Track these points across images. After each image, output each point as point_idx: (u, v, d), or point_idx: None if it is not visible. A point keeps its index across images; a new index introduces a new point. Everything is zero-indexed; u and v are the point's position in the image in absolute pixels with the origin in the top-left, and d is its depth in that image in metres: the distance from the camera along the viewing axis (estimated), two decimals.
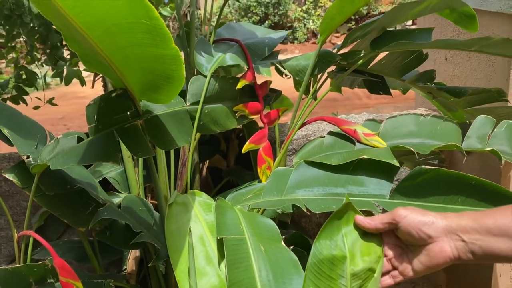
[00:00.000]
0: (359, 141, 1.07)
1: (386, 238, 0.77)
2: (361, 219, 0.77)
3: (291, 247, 0.89)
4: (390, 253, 0.77)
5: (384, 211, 1.61)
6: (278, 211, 1.19)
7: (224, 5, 1.33)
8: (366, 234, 0.78)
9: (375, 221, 0.76)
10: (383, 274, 0.77)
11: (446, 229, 0.69)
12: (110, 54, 0.83)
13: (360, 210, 1.57)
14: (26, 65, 1.69)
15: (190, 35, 1.25)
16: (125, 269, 1.30)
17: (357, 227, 0.79)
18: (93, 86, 1.56)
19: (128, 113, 0.99)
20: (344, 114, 1.54)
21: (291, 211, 1.16)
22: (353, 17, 10.28)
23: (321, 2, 11.31)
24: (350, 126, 1.09)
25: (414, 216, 0.71)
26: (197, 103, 1.10)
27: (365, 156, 0.98)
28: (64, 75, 1.79)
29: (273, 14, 10.96)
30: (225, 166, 1.63)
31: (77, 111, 6.15)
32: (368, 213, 1.03)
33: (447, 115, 1.27)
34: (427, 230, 0.70)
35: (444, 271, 1.70)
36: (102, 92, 1.42)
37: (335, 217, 0.80)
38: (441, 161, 1.58)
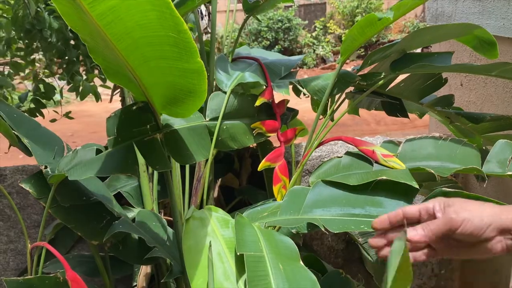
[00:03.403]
0: (377, 162, 1.06)
1: None
2: (413, 235, 0.69)
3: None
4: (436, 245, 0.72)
5: None
6: (292, 231, 1.18)
7: (244, 24, 1.34)
8: None
9: (428, 233, 0.69)
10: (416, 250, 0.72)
11: (501, 228, 0.67)
12: (135, 66, 0.83)
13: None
14: (44, 79, 1.71)
15: (210, 54, 1.26)
16: (135, 285, 1.28)
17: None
18: (110, 101, 1.57)
19: (148, 126, 0.99)
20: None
21: (306, 231, 1.15)
22: (362, 44, 10.37)
23: (330, 29, 11.45)
24: (368, 147, 1.09)
25: (471, 222, 0.67)
26: (216, 118, 1.10)
27: (384, 177, 0.98)
28: (80, 89, 1.80)
29: (283, 39, 11.09)
30: (238, 185, 1.62)
31: (86, 129, 6.19)
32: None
33: None
34: (484, 235, 0.67)
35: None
36: (110, 110, 1.42)
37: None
38: (458, 189, 1.56)
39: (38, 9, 1.60)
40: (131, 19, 0.72)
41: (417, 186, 0.95)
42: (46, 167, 1.05)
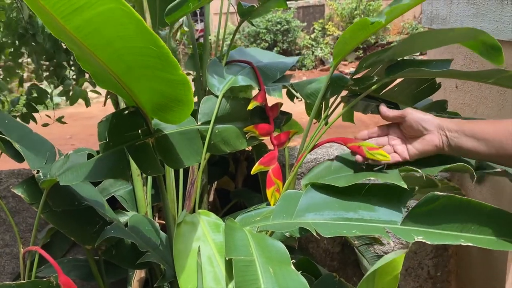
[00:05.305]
0: (363, 156, 1.05)
1: (392, 130, 1.02)
2: (384, 109, 1.02)
3: (299, 272, 0.87)
4: (394, 142, 1.01)
5: (396, 237, 1.60)
6: (286, 234, 1.17)
7: (238, 27, 1.34)
8: None
9: (392, 113, 1.00)
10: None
11: (438, 126, 0.93)
12: (121, 74, 0.82)
13: (371, 237, 1.52)
14: (37, 83, 1.70)
15: (204, 57, 1.26)
16: None
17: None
18: (104, 104, 1.57)
19: (140, 131, 0.99)
20: None
21: (299, 235, 1.14)
22: (361, 46, 10.39)
23: (329, 31, 11.45)
24: (355, 143, 1.08)
25: (416, 114, 0.95)
26: (208, 122, 1.10)
27: (372, 178, 0.97)
28: (70, 94, 1.78)
29: (281, 41, 11.09)
30: (233, 188, 1.62)
31: (85, 131, 6.19)
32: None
33: None
34: (424, 124, 0.94)
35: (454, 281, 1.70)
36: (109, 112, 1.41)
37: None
38: (455, 191, 1.56)
39: (31, 13, 1.59)
40: (111, 30, 0.71)
41: (405, 186, 0.94)
42: (38, 172, 1.05)
